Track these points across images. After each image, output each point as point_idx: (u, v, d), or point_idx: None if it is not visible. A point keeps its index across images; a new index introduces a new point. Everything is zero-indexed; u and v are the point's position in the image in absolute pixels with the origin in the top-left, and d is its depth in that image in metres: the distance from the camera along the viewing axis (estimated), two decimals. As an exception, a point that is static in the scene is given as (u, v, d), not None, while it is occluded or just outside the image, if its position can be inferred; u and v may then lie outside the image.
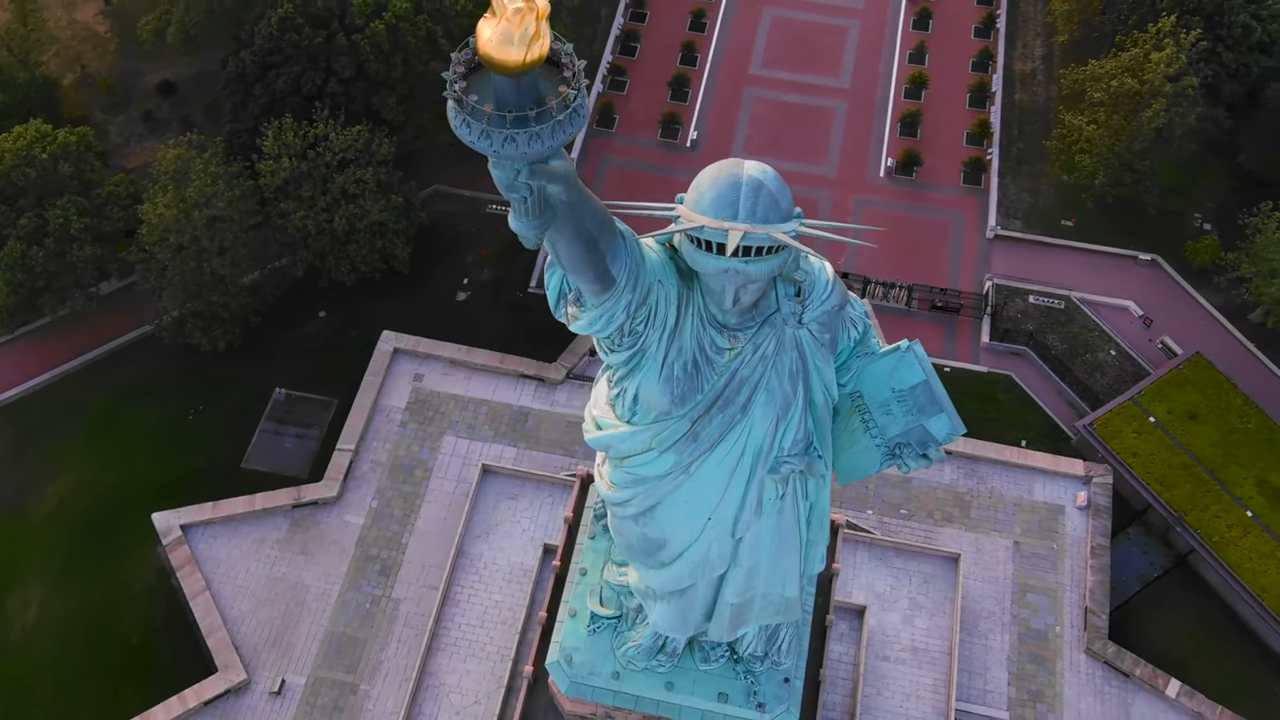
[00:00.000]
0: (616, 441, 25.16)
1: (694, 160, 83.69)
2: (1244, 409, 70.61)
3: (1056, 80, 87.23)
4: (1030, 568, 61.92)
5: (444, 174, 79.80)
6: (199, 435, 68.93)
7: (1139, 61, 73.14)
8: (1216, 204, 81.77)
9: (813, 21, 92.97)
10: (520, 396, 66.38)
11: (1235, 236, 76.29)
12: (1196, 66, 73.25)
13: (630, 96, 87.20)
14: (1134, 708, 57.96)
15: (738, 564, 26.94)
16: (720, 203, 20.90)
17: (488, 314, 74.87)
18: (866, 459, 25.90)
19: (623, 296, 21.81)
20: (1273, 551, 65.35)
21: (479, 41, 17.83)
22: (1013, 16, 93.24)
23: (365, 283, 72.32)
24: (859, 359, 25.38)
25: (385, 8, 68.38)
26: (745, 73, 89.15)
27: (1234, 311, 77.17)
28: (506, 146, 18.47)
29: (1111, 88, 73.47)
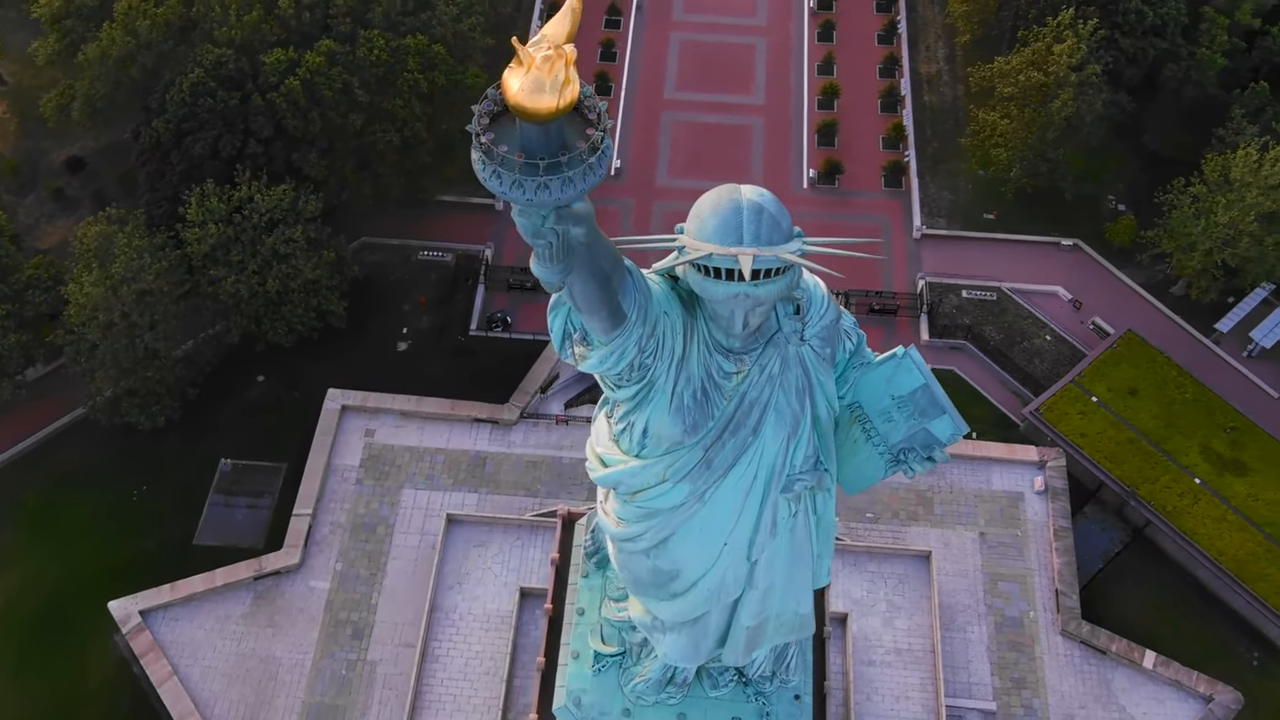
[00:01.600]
0: (627, 477, 24.87)
1: (620, 189, 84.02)
2: (1179, 380, 72.78)
3: (962, 80, 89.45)
4: (998, 557, 62.83)
5: (371, 225, 78.85)
6: (145, 516, 66.79)
7: (1042, 55, 75.35)
8: (1127, 185, 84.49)
9: (720, 42, 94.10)
10: (476, 441, 65.62)
11: (1150, 214, 78.82)
12: (1097, 55, 75.68)
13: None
14: (1114, 683, 59.02)
15: (753, 586, 26.78)
16: (724, 229, 20.89)
17: (432, 361, 74.00)
18: (870, 468, 25.99)
19: (634, 331, 21.66)
20: (1224, 515, 67.29)
21: (509, 93, 17.69)
22: (913, 21, 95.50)
23: (303, 343, 70.96)
24: (855, 369, 25.50)
25: (298, 64, 67.51)
26: (660, 98, 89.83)
27: (1157, 287, 79.61)
28: (540, 194, 18.30)
29: (1019, 82, 75.55)
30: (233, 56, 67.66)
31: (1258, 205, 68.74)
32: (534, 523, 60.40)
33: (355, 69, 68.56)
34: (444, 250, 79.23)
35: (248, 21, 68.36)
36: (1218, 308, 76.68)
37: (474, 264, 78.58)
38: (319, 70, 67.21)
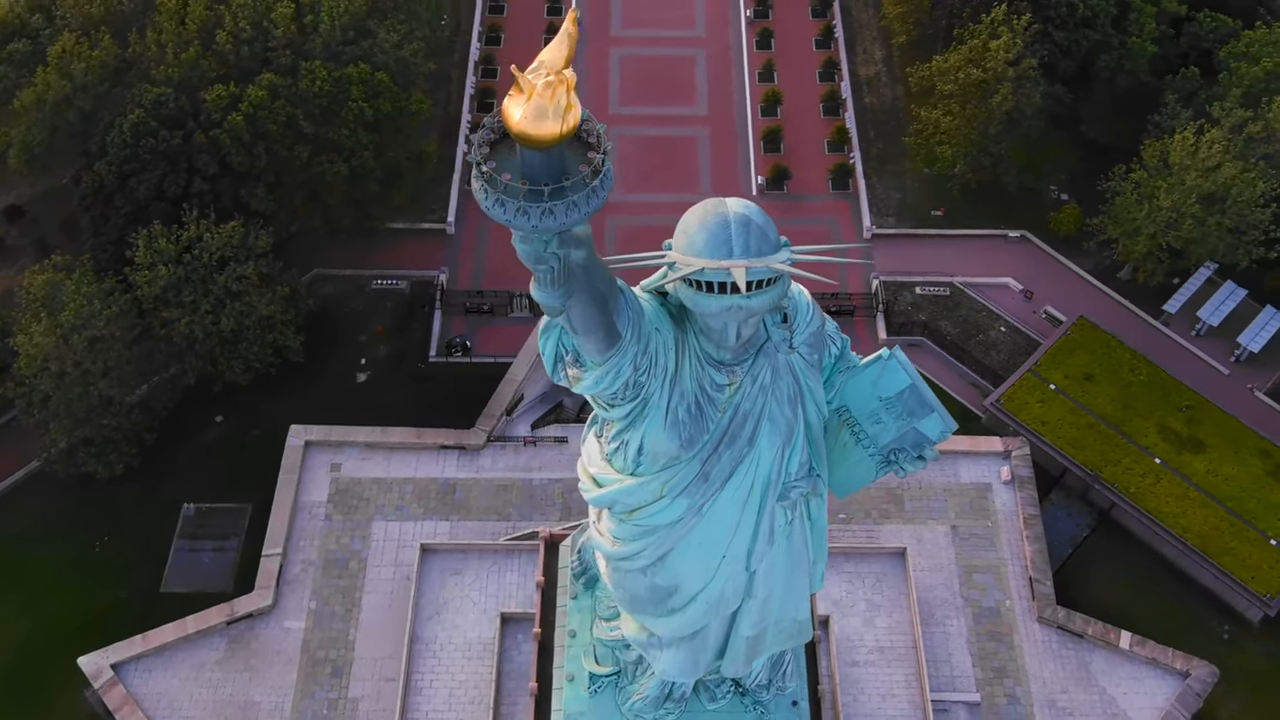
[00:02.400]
0: (624, 495, 24.79)
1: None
2: (1133, 362, 74.12)
3: (901, 80, 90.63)
4: (971, 549, 63.42)
5: (322, 257, 78.07)
6: (110, 567, 65.37)
7: (979, 52, 76.61)
8: (1068, 174, 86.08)
9: (660, 55, 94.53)
10: (444, 469, 65.06)
11: (1093, 202, 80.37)
12: (1032, 49, 77.08)
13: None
14: (1093, 665, 59.77)
15: (752, 596, 26.80)
16: (714, 243, 20.95)
17: (393, 390, 73.32)
18: (861, 470, 26.16)
19: (629, 350, 21.65)
20: (1185, 493, 68.57)
21: (512, 121, 17.65)
22: (849, 25, 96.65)
23: (261, 380, 69.94)
24: (841, 374, 25.67)
25: (240, 99, 66.71)
26: (605, 113, 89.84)
27: (1104, 273, 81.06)
28: (545, 220, 18.26)
29: (959, 79, 76.73)
30: (173, 95, 66.70)
31: (1198, 187, 70.31)
32: (509, 547, 60.00)
33: (299, 101, 67.89)
34: (398, 278, 78.66)
35: (185, 59, 67.47)
36: (1164, 289, 78.23)
37: (429, 290, 78.08)
38: (262, 104, 66.46)
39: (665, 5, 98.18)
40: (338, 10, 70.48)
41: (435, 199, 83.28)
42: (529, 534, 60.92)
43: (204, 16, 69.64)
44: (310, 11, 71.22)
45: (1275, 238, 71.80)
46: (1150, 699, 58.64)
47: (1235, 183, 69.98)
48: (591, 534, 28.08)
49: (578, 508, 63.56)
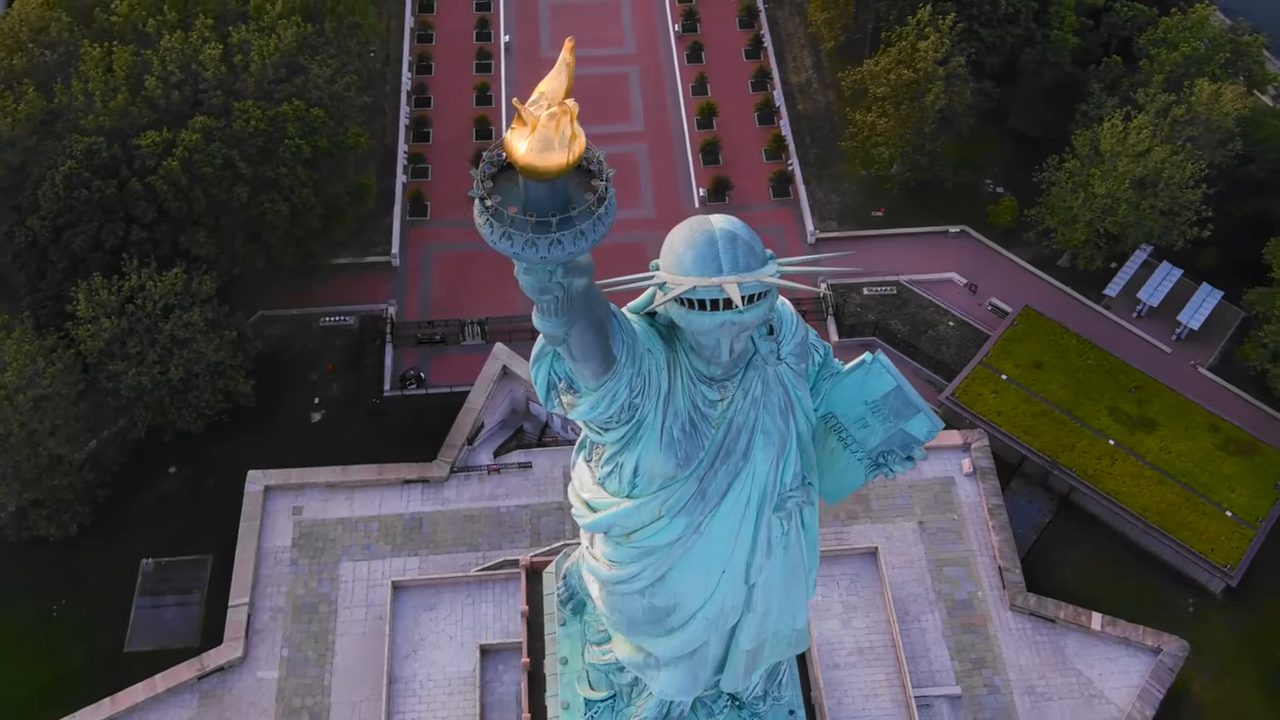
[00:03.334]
0: (621, 519, 24.63)
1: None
2: (1080, 347, 75.59)
3: (833, 85, 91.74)
4: (939, 543, 64.00)
5: (267, 298, 76.90)
6: (70, 630, 63.62)
7: (908, 53, 77.81)
8: (1002, 168, 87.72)
9: (593, 74, 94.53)
10: (408, 503, 64.24)
11: (1028, 193, 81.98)
12: (960, 47, 78.47)
13: (436, 181, 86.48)
14: (1067, 649, 60.56)
15: (751, 609, 26.75)
16: (702, 260, 20.95)
17: (349, 428, 72.40)
18: (850, 475, 26.25)
19: (624, 373, 21.57)
20: (1141, 472, 69.98)
21: (517, 154, 17.50)
22: (776, 34, 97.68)
23: (213, 427, 68.67)
24: (825, 381, 25.76)
25: (174, 144, 65.58)
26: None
27: (1045, 262, 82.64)
28: (553, 250, 18.13)
29: (891, 81, 77.84)
30: (104, 144, 65.34)
31: (1130, 172, 71.98)
32: (482, 577, 59.34)
33: (234, 142, 66.91)
34: (346, 314, 77.78)
35: (114, 107, 66.18)
36: (1104, 274, 79.91)
37: (378, 324, 77.31)
38: (197, 148, 65.39)
39: (594, 24, 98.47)
40: (268, 49, 69.63)
41: (378, 232, 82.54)
42: (501, 563, 60.41)
43: (131, 63, 68.43)
44: (239, 51, 70.28)
45: (1207, 217, 73.65)
46: (1125, 677, 59.53)
47: (1165, 166, 71.77)
48: (583, 559, 27.84)
49: (547, 533, 63.20)
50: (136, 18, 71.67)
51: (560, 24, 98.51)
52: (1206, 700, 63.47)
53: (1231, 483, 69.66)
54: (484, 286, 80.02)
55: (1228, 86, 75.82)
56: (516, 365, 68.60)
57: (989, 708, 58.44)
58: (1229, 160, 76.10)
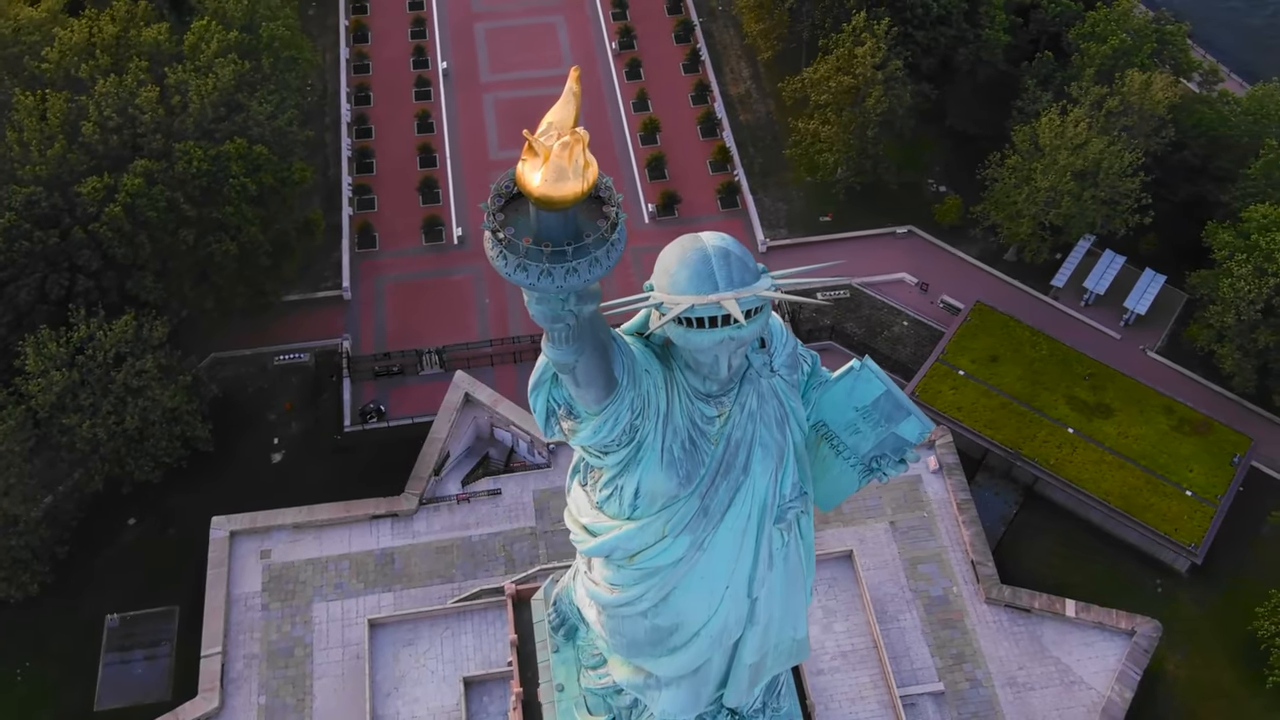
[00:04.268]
0: (624, 541, 24.45)
1: (467, 257, 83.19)
2: (1033, 339, 76.75)
3: (772, 95, 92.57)
4: (912, 541, 64.53)
5: (218, 340, 75.67)
6: (36, 693, 61.87)
7: (846, 59, 78.69)
8: (943, 167, 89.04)
9: (533, 96, 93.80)
10: (379, 539, 63.42)
11: (970, 191, 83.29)
12: (896, 51, 79.54)
13: (383, 212, 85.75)
14: (1044, 638, 61.28)
15: (754, 623, 26.69)
16: (697, 279, 20.94)
17: (311, 466, 71.31)
18: (844, 482, 26.36)
19: (626, 395, 21.47)
20: (1101, 458, 71.10)
21: (531, 186, 17.35)
22: (712, 47, 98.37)
23: (172, 475, 67.29)
24: (814, 390, 25.86)
25: (116, 189, 64.32)
26: (487, 160, 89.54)
27: (991, 257, 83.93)
28: (569, 279, 18.01)
29: (831, 88, 78.66)
30: (43, 193, 63.89)
31: (1070, 165, 73.36)
32: (460, 609, 58.77)
33: (177, 184, 65.82)
34: (300, 351, 76.73)
35: (52, 155, 64.76)
36: (1049, 266, 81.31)
37: (334, 359, 76.35)
38: (139, 192, 64.18)
39: (530, 46, 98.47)
40: (206, 88, 68.64)
41: (327, 266, 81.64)
42: (478, 593, 59.85)
43: (65, 109, 67.07)
44: (177, 93, 69.20)
45: (1147, 204, 75.25)
46: (1103, 661, 60.37)
47: (1104, 156, 73.25)
48: (575, 584, 27.59)
49: (521, 560, 62.74)
50: (68, 64, 70.34)
51: (496, 48, 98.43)
52: (1180, 678, 64.53)
53: (1189, 462, 71.03)
54: (438, 315, 79.49)
55: (1157, 76, 77.69)
56: (478, 392, 68.17)
57: (972, 702, 58.91)
58: (1163, 148, 77.88)
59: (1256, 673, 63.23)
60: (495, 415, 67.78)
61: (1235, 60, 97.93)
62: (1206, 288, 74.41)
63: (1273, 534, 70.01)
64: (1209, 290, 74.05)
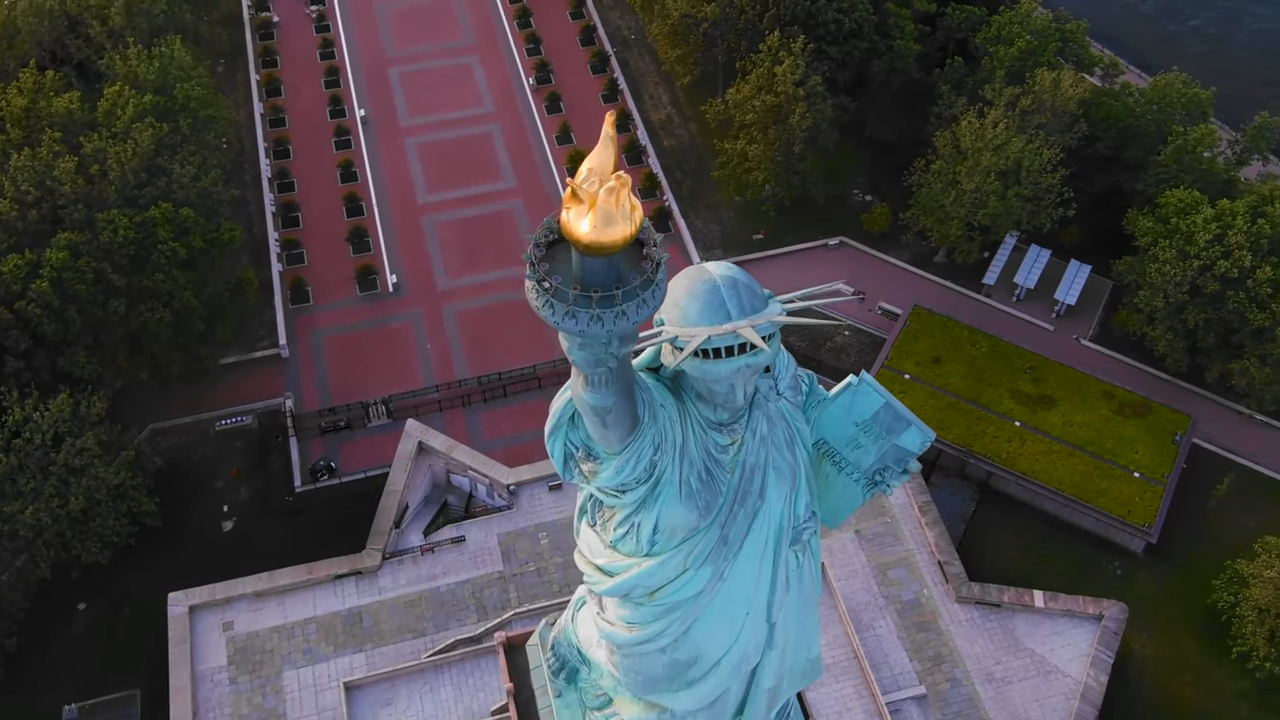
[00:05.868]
0: (644, 578, 24.13)
1: (403, 303, 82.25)
2: (973, 338, 78.22)
3: (694, 119, 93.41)
4: (878, 548, 65.03)
5: (156, 410, 73.69)
6: (-4, 796, 59.21)
7: (767, 79, 79.73)
8: (867, 177, 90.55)
9: (456, 137, 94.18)
10: (345, 599, 62.00)
11: (895, 198, 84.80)
12: (814, 67, 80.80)
13: (314, 265, 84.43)
14: (1017, 630, 62.10)
15: (773, 647, 26.54)
16: (709, 310, 20.88)
17: (265, 531, 69.61)
18: (848, 497, 26.43)
19: (648, 432, 21.28)
20: (1050, 448, 72.55)
21: (580, 233, 17.05)
22: (629, 76, 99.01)
23: (121, 554, 65.11)
24: (813, 409, 25.93)
25: (40, 265, 62.40)
26: (415, 204, 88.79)
27: (923, 260, 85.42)
28: (618, 323, 17.75)
29: (755, 107, 79.58)
30: (-38, 275, 61.85)
31: (993, 165, 75.12)
32: (436, 662, 57.66)
33: (104, 254, 64.11)
34: (242, 414, 75.01)
35: (-32, 235, 62.80)
36: (979, 265, 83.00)
37: (278, 419, 74.77)
38: (65, 266, 62.39)
39: (448, 88, 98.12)
40: (125, 154, 67.04)
41: (261, 325, 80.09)
42: (452, 644, 58.80)
43: (-22, 187, 65.13)
44: (95, 161, 67.45)
45: (1069, 197, 77.33)
46: (1075, 648, 61.35)
47: (1024, 155, 75.14)
48: (584, 625, 27.13)
49: (492, 606, 61.84)
50: (-24, 141, 68.42)
51: (413, 91, 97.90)
52: (1148, 656, 65.89)
53: (1133, 445, 72.82)
54: (380, 365, 78.37)
55: (1064, 73, 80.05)
56: (432, 440, 67.28)
57: (954, 702, 59.39)
58: (1076, 142, 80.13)
59: (1220, 644, 64.85)
60: (451, 461, 66.91)
61: (1130, 52, 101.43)
62: (1133, 274, 76.56)
63: (1219, 507, 71.99)
64: (1135, 276, 76.20)
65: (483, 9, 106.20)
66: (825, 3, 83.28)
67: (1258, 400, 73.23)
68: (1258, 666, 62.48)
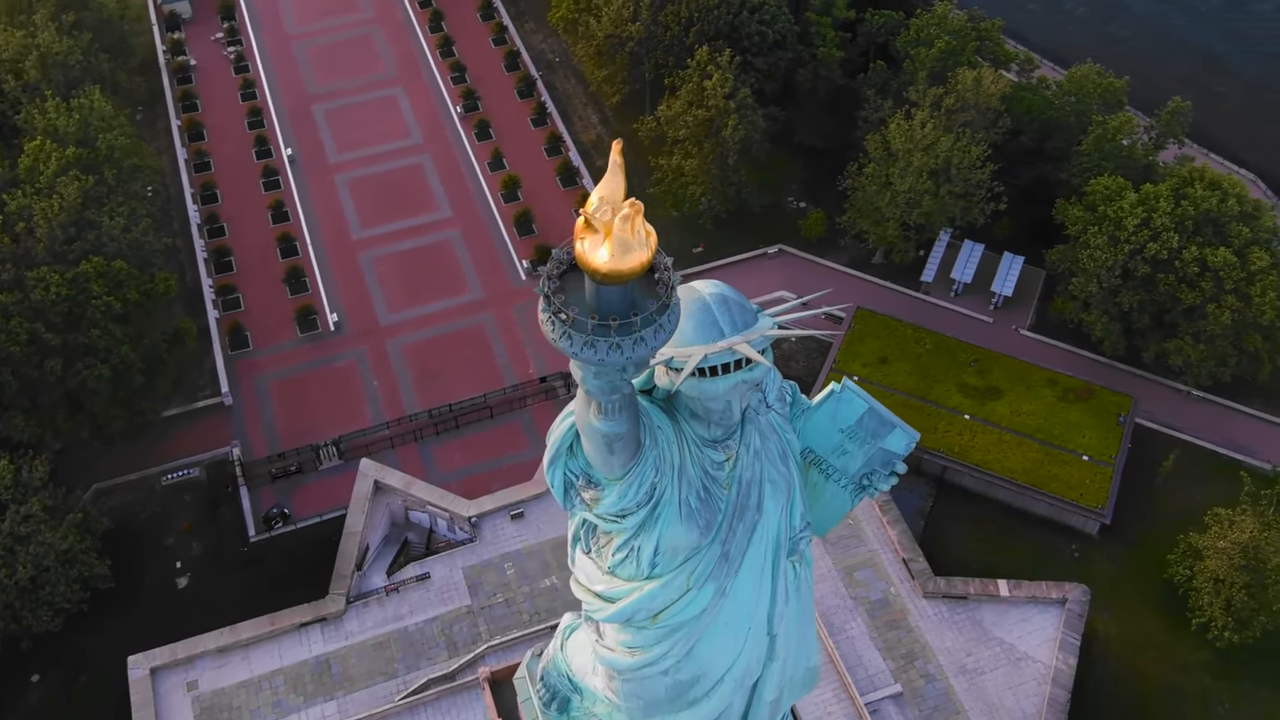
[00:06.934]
0: (647, 601, 24.00)
1: (346, 342, 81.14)
2: (916, 335, 79.29)
3: (624, 137, 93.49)
4: (843, 550, 65.48)
5: (99, 469, 71.79)
6: None
7: (697, 94, 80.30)
8: (800, 184, 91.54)
9: (386, 170, 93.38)
10: (311, 647, 60.83)
11: (828, 203, 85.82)
12: (742, 79, 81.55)
13: (251, 309, 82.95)
14: (985, 621, 62.88)
15: (774, 659, 26.57)
16: (703, 328, 20.91)
17: (222, 584, 68.01)
18: (837, 504, 26.60)
19: (649, 455, 21.27)
20: (1000, 438, 73.72)
21: (597, 263, 16.87)
22: (557, 99, 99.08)
23: (74, 621, 63.27)
24: (797, 419, 26.08)
25: (-31, 327, 60.62)
26: (350, 240, 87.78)
27: (861, 262, 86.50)
28: (637, 349, 17.59)
29: (688, 122, 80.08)
30: (-111, 345, 59.76)
31: (925, 165, 76.38)
32: (410, 704, 56.83)
33: (36, 314, 62.36)
34: (188, 466, 73.34)
35: (-109, 303, 60.69)
36: (916, 264, 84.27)
37: (226, 468, 73.23)
38: (-6, 328, 60.60)
39: (374, 121, 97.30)
40: (51, 210, 65.41)
41: (202, 374, 78.49)
42: (425, 684, 57.94)
43: (-102, 253, 63.07)
44: (20, 219, 65.68)
45: (999, 192, 78.91)
46: (1043, 634, 62.28)
47: (953, 152, 76.51)
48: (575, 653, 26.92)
49: (462, 641, 61.09)
50: (-107, 205, 66.26)
51: (339, 127, 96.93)
52: (1111, 635, 67.04)
53: (1080, 429, 74.25)
54: (328, 405, 77.22)
55: (984, 71, 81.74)
56: (388, 478, 66.48)
57: (930, 697, 59.90)
58: (1001, 137, 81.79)
59: (1179, 617, 66.22)
60: (409, 498, 66.11)
61: (1040, 46, 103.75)
62: (1066, 262, 78.24)
63: (1167, 484, 73.62)
64: (1068, 264, 77.90)
65: (404, 41, 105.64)
66: (748, 15, 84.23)
67: (1194, 377, 75.17)
68: (1217, 636, 63.88)
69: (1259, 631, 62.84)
